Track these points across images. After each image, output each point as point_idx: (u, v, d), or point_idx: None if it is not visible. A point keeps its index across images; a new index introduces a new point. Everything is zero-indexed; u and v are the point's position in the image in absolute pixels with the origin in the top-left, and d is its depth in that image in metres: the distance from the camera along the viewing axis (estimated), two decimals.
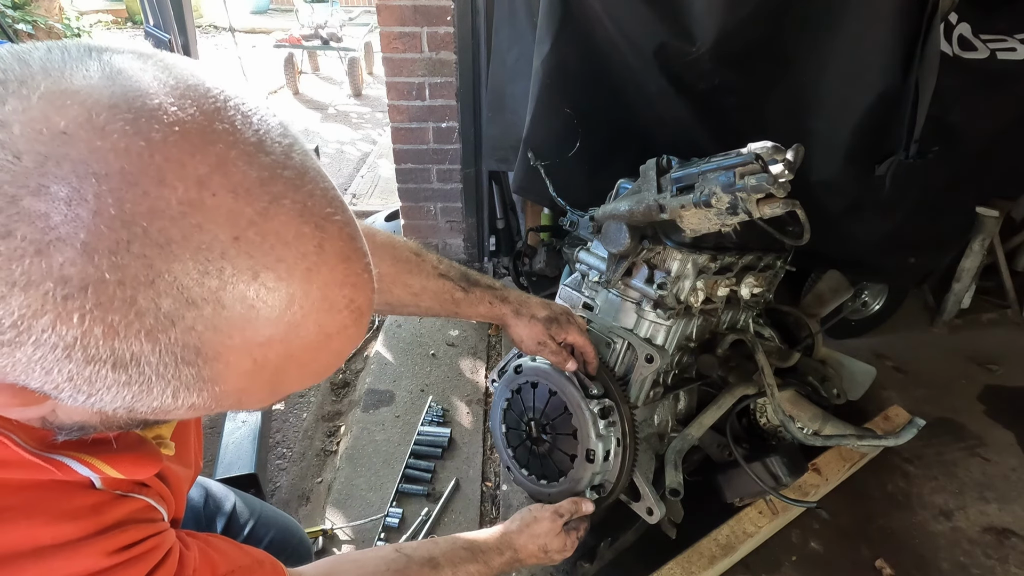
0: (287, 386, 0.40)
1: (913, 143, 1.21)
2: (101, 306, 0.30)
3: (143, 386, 0.33)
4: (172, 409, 0.36)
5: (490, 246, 2.52)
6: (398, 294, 0.89)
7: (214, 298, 0.32)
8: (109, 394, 0.33)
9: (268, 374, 0.37)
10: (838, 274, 1.65)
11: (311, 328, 0.36)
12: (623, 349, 1.15)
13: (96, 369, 0.32)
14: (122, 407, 0.35)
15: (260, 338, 0.34)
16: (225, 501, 0.91)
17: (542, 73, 1.39)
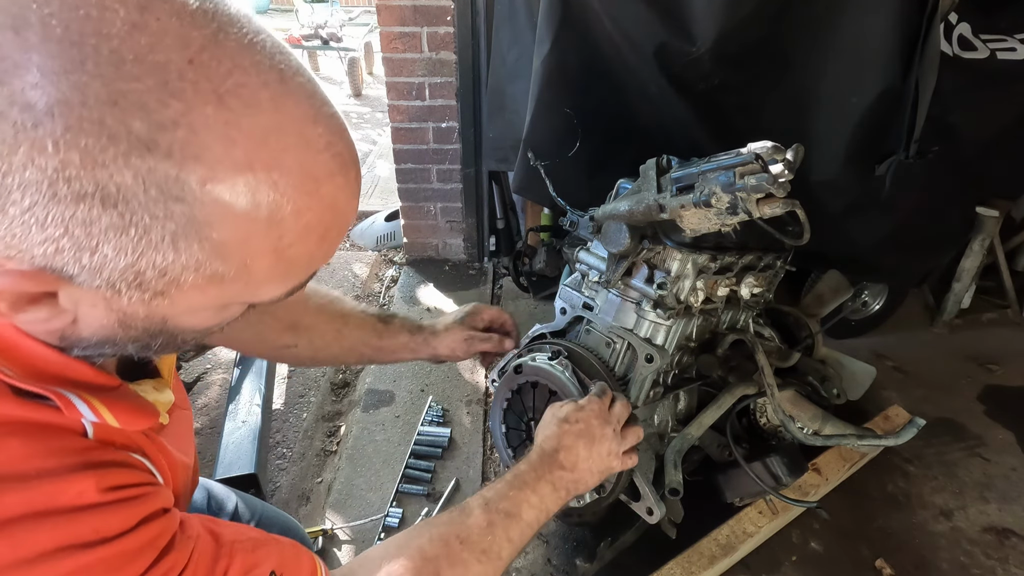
0: (292, 250, 0.40)
1: (913, 143, 1.21)
2: (71, 129, 0.30)
3: (140, 232, 0.34)
4: (182, 273, 0.36)
5: (490, 246, 2.52)
6: (323, 329, 0.92)
7: (184, 121, 0.32)
8: (111, 247, 0.34)
9: (264, 224, 0.37)
10: (838, 274, 1.65)
11: (293, 166, 0.37)
12: (623, 349, 1.15)
13: (87, 209, 0.32)
14: (131, 273, 0.35)
15: (241, 171, 0.35)
16: (227, 502, 0.91)
17: (542, 73, 1.39)
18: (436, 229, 2.58)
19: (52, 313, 0.38)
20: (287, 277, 0.43)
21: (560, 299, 1.26)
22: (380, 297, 2.49)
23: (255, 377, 1.73)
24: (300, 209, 0.38)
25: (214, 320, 0.45)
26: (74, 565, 0.40)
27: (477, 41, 2.09)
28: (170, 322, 0.42)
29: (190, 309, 0.41)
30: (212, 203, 0.35)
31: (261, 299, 0.44)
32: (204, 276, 0.38)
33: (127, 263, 0.35)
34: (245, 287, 0.41)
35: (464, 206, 2.49)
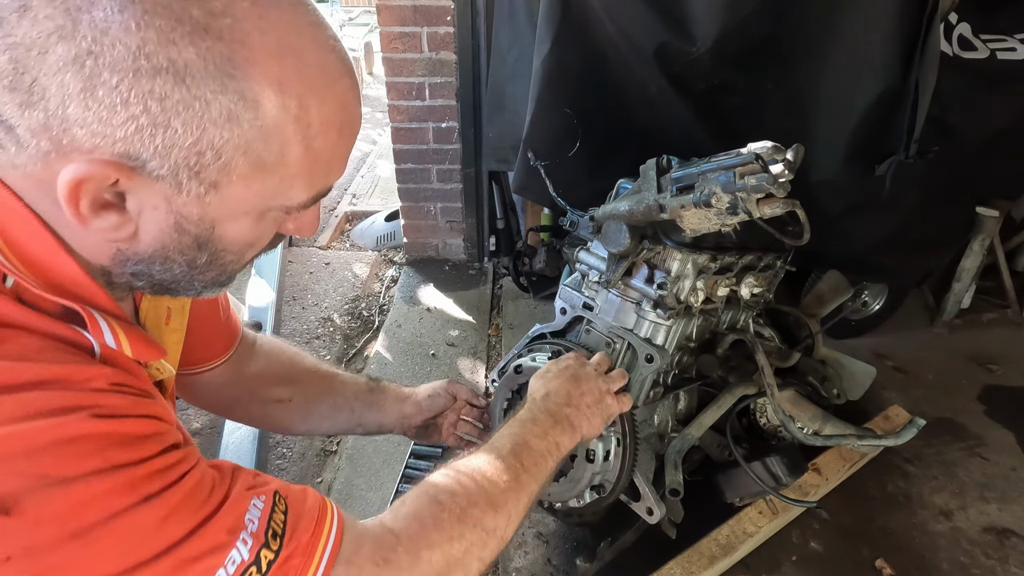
0: (317, 141, 0.46)
1: (913, 143, 1.21)
2: (148, 12, 0.37)
3: (202, 106, 0.40)
4: (233, 156, 0.43)
5: (490, 246, 2.52)
6: (316, 384, 0.95)
7: (229, 11, 0.40)
8: (180, 121, 0.40)
9: (294, 110, 0.44)
10: (838, 274, 1.65)
11: (312, 62, 0.45)
12: (623, 349, 1.15)
13: (162, 83, 0.39)
14: (193, 155, 0.42)
15: (275, 58, 0.42)
16: None
17: (542, 73, 1.39)
18: (436, 229, 2.58)
19: (119, 221, 0.44)
20: (313, 174, 0.49)
21: (560, 299, 1.25)
22: (380, 297, 2.49)
23: None
24: (321, 101, 0.46)
25: (253, 232, 0.50)
26: (76, 431, 0.41)
27: (477, 41, 2.09)
28: (217, 229, 0.48)
29: (235, 211, 0.47)
30: (256, 82, 0.42)
31: (292, 202, 0.49)
32: (251, 161, 0.44)
33: (191, 141, 0.41)
34: (281, 183, 0.47)
35: (464, 206, 2.49)
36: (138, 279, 0.50)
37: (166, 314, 0.65)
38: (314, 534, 0.53)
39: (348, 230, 3.18)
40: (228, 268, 0.53)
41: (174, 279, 0.51)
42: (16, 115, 0.39)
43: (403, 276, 2.54)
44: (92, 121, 0.39)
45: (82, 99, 0.38)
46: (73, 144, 0.40)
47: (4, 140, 0.41)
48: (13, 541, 0.39)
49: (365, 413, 0.99)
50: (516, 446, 0.76)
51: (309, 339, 2.22)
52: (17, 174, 0.42)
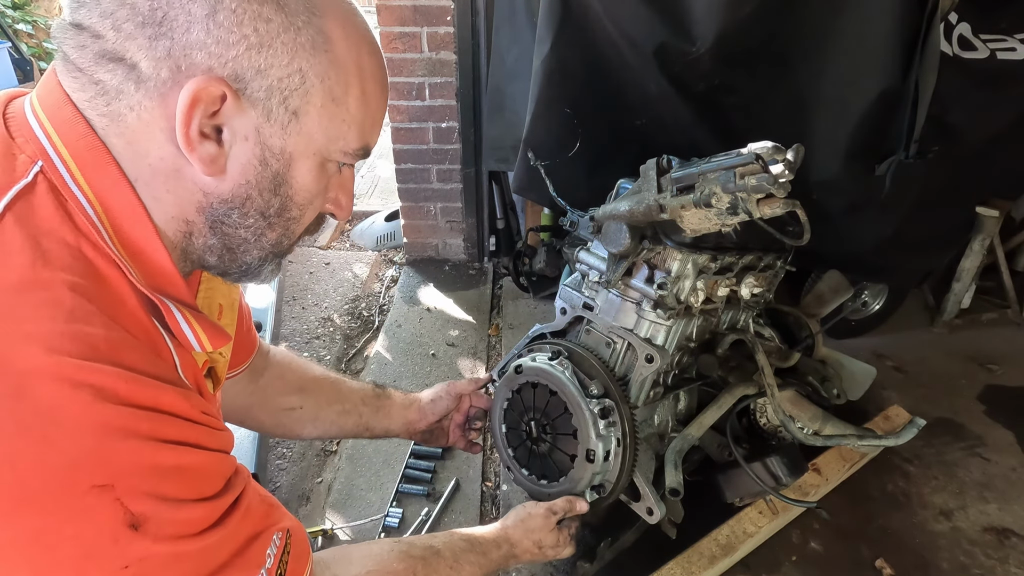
0: (369, 85, 0.55)
1: (913, 143, 1.21)
2: None
3: (293, 33, 0.49)
4: (314, 84, 0.51)
5: (490, 246, 2.52)
6: (326, 391, 1.00)
7: None
8: (279, 42, 0.49)
9: (354, 53, 0.53)
10: (838, 274, 1.65)
11: (361, 23, 0.55)
12: (623, 349, 1.15)
13: (268, 9, 0.47)
14: (284, 79, 0.50)
15: (340, 10, 0.52)
16: None
17: (542, 73, 1.39)
18: (436, 229, 2.58)
19: (216, 152, 0.50)
20: (364, 121, 0.56)
21: (560, 299, 1.25)
22: (380, 297, 2.49)
23: None
24: (370, 53, 0.55)
25: (316, 181, 0.57)
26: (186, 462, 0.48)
27: (477, 41, 2.09)
28: (292, 167, 0.54)
29: (308, 148, 0.54)
30: (331, 23, 0.51)
31: (348, 147, 0.56)
32: (326, 90, 0.52)
33: (286, 61, 0.49)
34: (343, 123, 0.54)
35: (464, 206, 2.49)
36: (210, 250, 0.56)
37: (218, 310, 0.70)
38: None
39: (348, 230, 3.18)
40: (290, 228, 0.59)
41: (244, 239, 0.56)
42: (143, 50, 0.46)
43: (403, 276, 2.54)
44: (211, 43, 0.46)
45: (205, 23, 0.46)
46: (191, 68, 0.47)
47: (123, 84, 0.47)
48: (134, 553, 0.44)
49: (372, 419, 1.03)
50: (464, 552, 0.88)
51: (309, 339, 2.21)
52: (125, 125, 0.48)
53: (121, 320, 0.47)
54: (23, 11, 4.27)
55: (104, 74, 0.47)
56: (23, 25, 4.24)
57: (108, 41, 0.46)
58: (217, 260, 0.57)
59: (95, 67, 0.47)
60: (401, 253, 2.75)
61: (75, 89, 0.48)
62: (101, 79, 0.47)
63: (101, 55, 0.46)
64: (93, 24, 0.46)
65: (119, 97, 0.47)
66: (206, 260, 0.57)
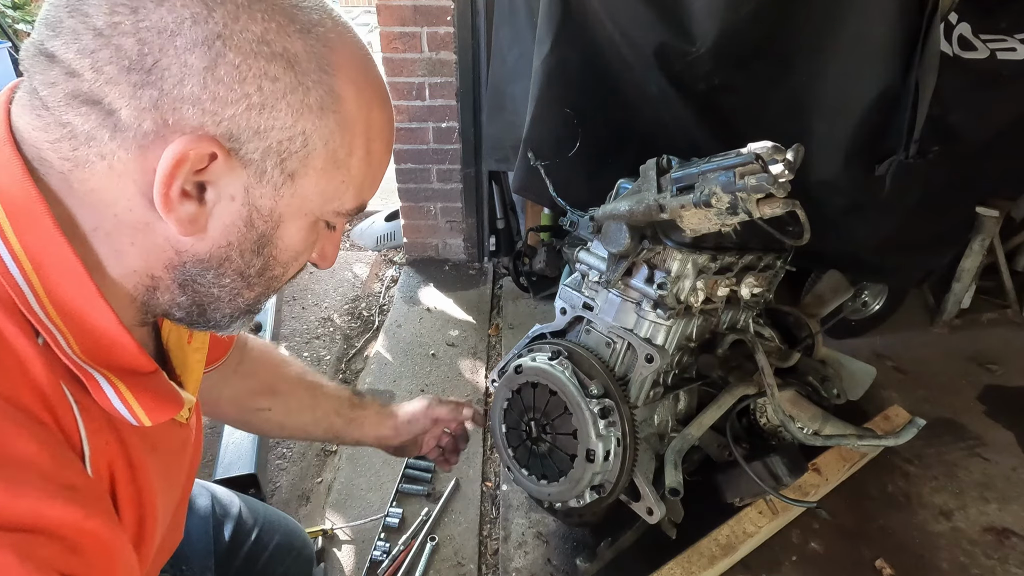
0: (374, 145, 0.51)
1: (913, 143, 1.21)
2: (269, 10, 0.43)
3: (302, 93, 0.45)
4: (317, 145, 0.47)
5: (490, 246, 2.52)
6: (299, 395, 0.94)
7: (322, 22, 0.46)
8: (284, 103, 0.44)
9: (364, 112, 0.49)
10: (838, 274, 1.65)
11: (373, 78, 0.51)
12: (623, 349, 1.15)
13: (276, 67, 0.43)
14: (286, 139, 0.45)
15: (354, 65, 0.48)
16: (231, 505, 0.90)
17: (542, 73, 1.39)
18: (436, 229, 2.58)
19: (196, 212, 0.45)
20: (364, 180, 0.52)
21: (560, 299, 1.25)
22: (380, 297, 2.49)
23: None
24: (381, 109, 0.51)
25: (304, 240, 0.52)
26: None
27: (477, 41, 2.09)
28: (280, 228, 0.50)
29: (300, 210, 0.49)
30: (343, 81, 0.47)
31: (344, 207, 0.52)
32: (328, 152, 0.48)
33: (290, 123, 0.45)
34: (341, 184, 0.50)
35: (464, 206, 2.49)
36: (177, 306, 0.50)
37: (188, 333, 0.63)
38: None
39: (348, 230, 3.18)
40: (271, 286, 0.54)
41: (217, 297, 0.51)
42: (125, 97, 0.40)
43: (403, 276, 2.54)
44: (206, 99, 0.41)
45: (202, 77, 0.41)
46: (179, 123, 0.41)
47: (96, 131, 0.41)
48: None
49: (343, 430, 0.98)
50: None
51: (309, 339, 2.21)
52: (91, 171, 0.42)
53: (12, 400, 0.40)
54: (23, 11, 4.27)
55: (74, 116, 0.41)
56: (23, 25, 4.24)
57: (85, 81, 0.40)
58: (184, 315, 0.52)
59: (65, 108, 0.41)
60: (401, 253, 2.75)
61: (36, 128, 0.42)
62: (70, 121, 0.41)
63: (74, 95, 0.40)
64: (69, 60, 0.40)
65: (89, 143, 0.41)
66: (171, 314, 0.52)
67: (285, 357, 0.96)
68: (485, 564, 1.39)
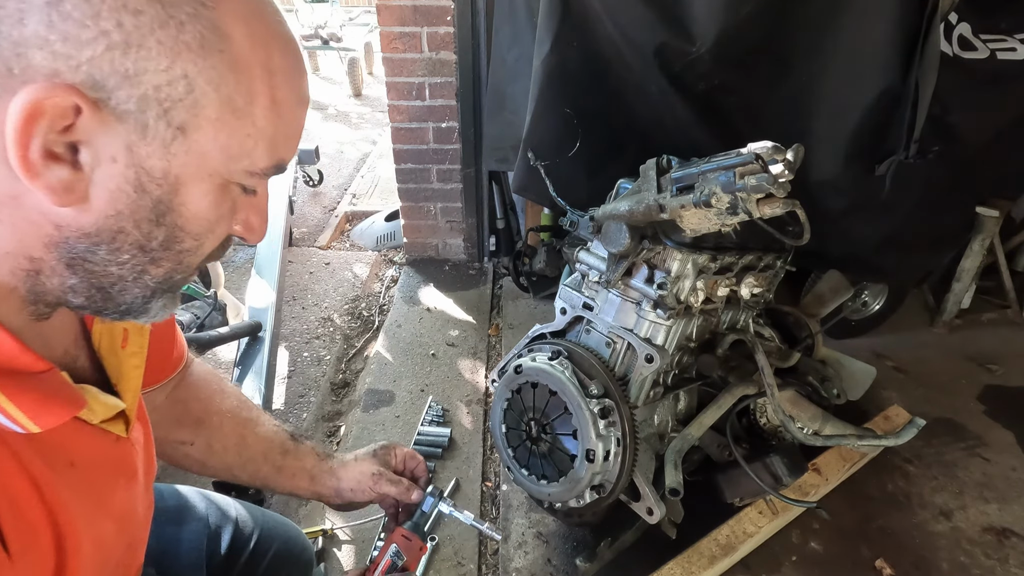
0: (280, 92, 0.44)
1: (913, 143, 1.21)
2: None
3: (176, 28, 0.38)
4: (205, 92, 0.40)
5: (490, 246, 2.52)
6: (226, 431, 0.84)
7: None
8: (154, 40, 0.37)
9: (261, 53, 0.42)
10: (838, 274, 1.65)
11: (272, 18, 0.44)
12: (623, 349, 1.15)
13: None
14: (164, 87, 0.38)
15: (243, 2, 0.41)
16: (228, 513, 0.88)
17: (542, 73, 1.39)
18: (436, 229, 2.58)
19: (71, 178, 0.38)
20: (276, 134, 0.45)
21: (560, 299, 1.25)
22: (380, 297, 2.49)
23: (255, 377, 1.73)
24: (283, 53, 0.44)
25: (215, 207, 0.46)
26: None
27: (477, 41, 2.09)
28: (180, 193, 0.43)
29: (200, 169, 0.43)
30: (228, 16, 0.40)
31: (256, 165, 0.45)
32: (221, 99, 0.41)
33: (165, 66, 0.38)
34: (247, 138, 0.43)
35: (464, 206, 2.49)
36: (72, 291, 0.44)
37: (122, 336, 0.58)
38: None
39: (348, 230, 3.18)
40: (183, 260, 0.47)
41: (120, 276, 0.45)
42: None
43: (403, 276, 2.54)
44: (55, 40, 0.35)
45: (45, 13, 0.34)
46: (27, 72, 0.35)
47: None
48: None
49: (272, 477, 0.86)
50: None
51: (309, 339, 2.22)
52: None
53: None
54: None
55: None
56: None
57: None
58: (85, 300, 0.46)
59: None
60: (401, 253, 2.75)
61: None
62: None
63: None
64: None
65: None
66: (69, 301, 0.46)
67: (224, 387, 0.86)
68: (485, 564, 1.39)
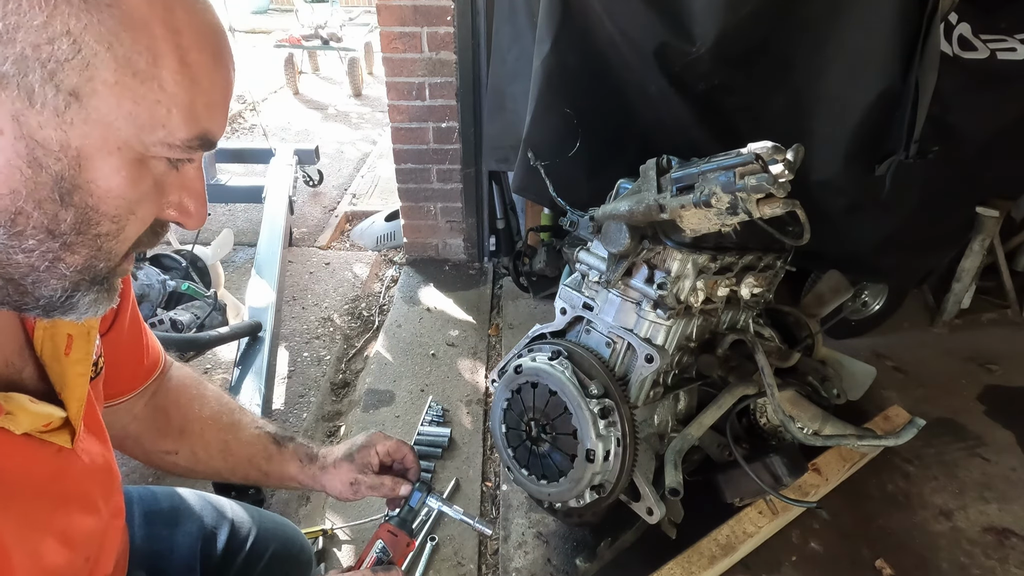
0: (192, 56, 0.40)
1: (913, 143, 1.21)
2: None
3: None
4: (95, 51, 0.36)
5: (490, 246, 2.52)
6: (208, 440, 0.82)
7: None
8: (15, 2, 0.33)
9: (160, 12, 0.38)
10: (838, 274, 1.65)
11: None
12: (623, 349, 1.15)
13: None
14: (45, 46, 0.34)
15: None
16: (225, 509, 0.88)
17: (542, 73, 1.39)
18: (436, 229, 2.58)
19: None
20: (194, 101, 0.41)
21: (560, 299, 1.25)
22: (380, 297, 2.49)
23: (255, 377, 1.73)
24: (190, 12, 0.40)
25: (132, 185, 0.41)
26: None
27: (477, 41, 2.09)
28: (85, 169, 0.39)
29: (106, 141, 0.39)
30: None
31: (174, 136, 0.41)
32: (117, 60, 0.37)
33: (41, 21, 0.34)
34: (158, 104, 0.39)
35: (464, 206, 2.49)
36: None
37: (66, 343, 0.55)
38: None
39: (348, 230, 3.18)
40: (103, 247, 0.43)
41: (31, 266, 0.41)
42: None
43: (403, 276, 2.54)
44: None
45: None
46: None
47: None
48: None
49: (263, 481, 0.87)
50: None
51: (309, 339, 2.21)
52: None
53: None
54: None
55: None
56: None
57: None
58: (6, 300, 0.42)
59: None
60: (401, 253, 2.75)
61: None
62: None
63: None
64: None
65: None
66: None
67: (204, 391, 0.85)
68: (485, 564, 1.39)
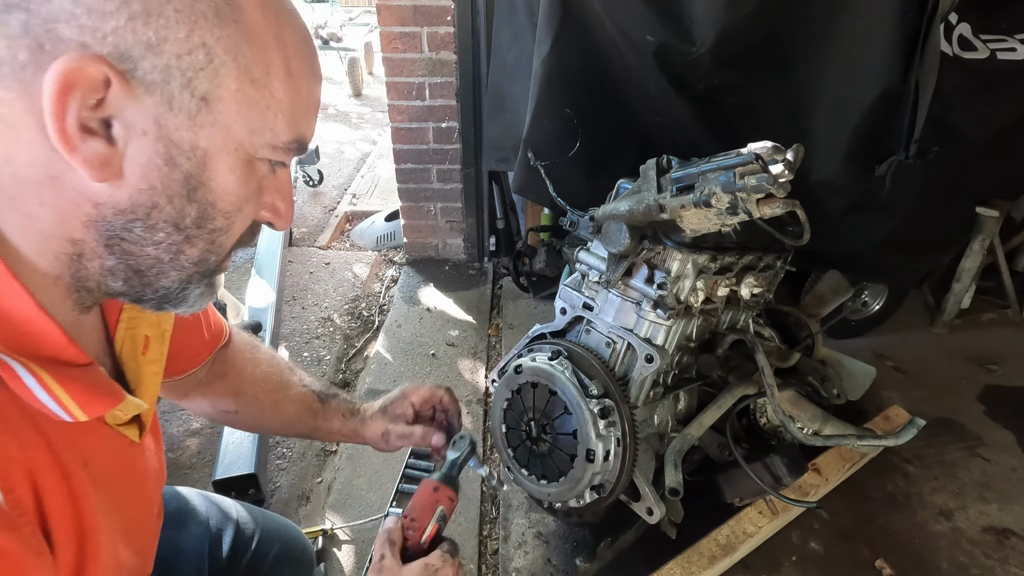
0: (294, 64, 0.46)
1: (913, 143, 1.21)
2: None
3: (186, 0, 0.39)
4: (223, 63, 0.41)
5: (490, 246, 2.52)
6: (261, 400, 0.88)
7: None
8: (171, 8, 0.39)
9: (273, 25, 0.44)
10: (838, 274, 1.65)
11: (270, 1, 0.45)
12: (623, 349, 1.15)
13: None
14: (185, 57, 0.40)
15: None
16: (230, 510, 0.89)
17: (542, 73, 1.39)
18: (436, 229, 2.58)
19: (106, 153, 0.40)
20: (295, 107, 0.47)
21: (560, 299, 1.25)
22: (380, 297, 2.49)
23: None
24: (293, 27, 0.46)
25: (243, 184, 0.47)
26: None
27: (477, 41, 2.09)
28: (209, 167, 0.44)
29: (226, 143, 0.44)
30: None
31: (278, 139, 0.46)
32: (240, 69, 0.42)
33: (184, 34, 0.39)
34: (267, 110, 0.45)
35: (464, 206, 2.49)
36: (111, 274, 0.45)
37: (144, 343, 0.59)
38: None
39: (348, 230, 3.18)
40: (216, 240, 0.48)
41: (156, 258, 0.46)
42: None
43: (403, 276, 2.54)
44: (80, 12, 0.36)
45: None
46: (57, 47, 0.36)
47: None
48: None
49: (312, 435, 0.94)
50: None
51: (309, 339, 2.22)
52: None
53: None
54: None
55: None
56: None
57: None
58: (124, 285, 0.46)
59: None
60: (401, 253, 2.75)
61: None
62: None
63: None
64: None
65: None
66: (110, 287, 0.46)
67: (257, 354, 0.90)
68: (485, 564, 1.39)
